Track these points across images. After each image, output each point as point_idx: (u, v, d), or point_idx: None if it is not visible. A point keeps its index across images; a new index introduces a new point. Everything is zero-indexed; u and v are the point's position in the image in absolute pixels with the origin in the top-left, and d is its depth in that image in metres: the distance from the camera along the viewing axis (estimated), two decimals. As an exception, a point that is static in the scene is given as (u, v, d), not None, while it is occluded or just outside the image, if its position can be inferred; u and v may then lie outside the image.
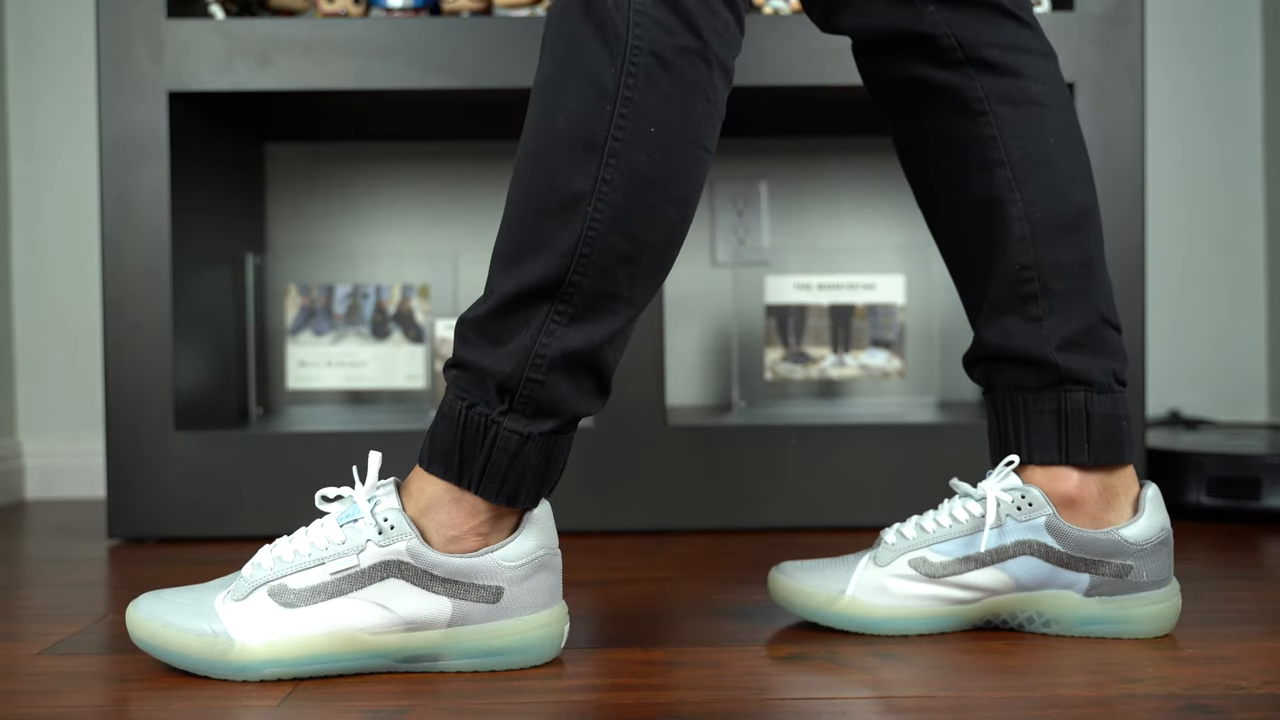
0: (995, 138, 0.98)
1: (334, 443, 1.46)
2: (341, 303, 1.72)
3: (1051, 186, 0.99)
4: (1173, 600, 0.98)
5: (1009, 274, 0.99)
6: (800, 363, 1.73)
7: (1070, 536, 0.96)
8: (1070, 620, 0.97)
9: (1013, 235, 0.98)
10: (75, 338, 1.88)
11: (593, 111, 0.85)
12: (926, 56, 0.99)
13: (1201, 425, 1.84)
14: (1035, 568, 0.96)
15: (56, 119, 1.87)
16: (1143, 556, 0.96)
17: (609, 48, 0.85)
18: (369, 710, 0.82)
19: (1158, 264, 1.90)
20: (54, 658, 0.95)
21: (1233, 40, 1.93)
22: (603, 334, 0.88)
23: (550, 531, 0.92)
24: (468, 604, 0.88)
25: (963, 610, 0.98)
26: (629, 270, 0.87)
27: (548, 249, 0.86)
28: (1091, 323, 0.99)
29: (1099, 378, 0.98)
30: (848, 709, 0.81)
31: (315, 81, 1.45)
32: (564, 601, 0.93)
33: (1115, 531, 0.96)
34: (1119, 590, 0.96)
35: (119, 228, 1.45)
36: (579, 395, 0.89)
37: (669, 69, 0.86)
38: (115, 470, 1.46)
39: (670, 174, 0.87)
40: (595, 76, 0.85)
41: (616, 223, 0.86)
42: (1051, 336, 0.98)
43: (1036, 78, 0.99)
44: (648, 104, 0.85)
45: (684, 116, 0.87)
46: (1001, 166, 0.98)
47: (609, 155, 0.85)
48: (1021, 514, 0.96)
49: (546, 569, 0.91)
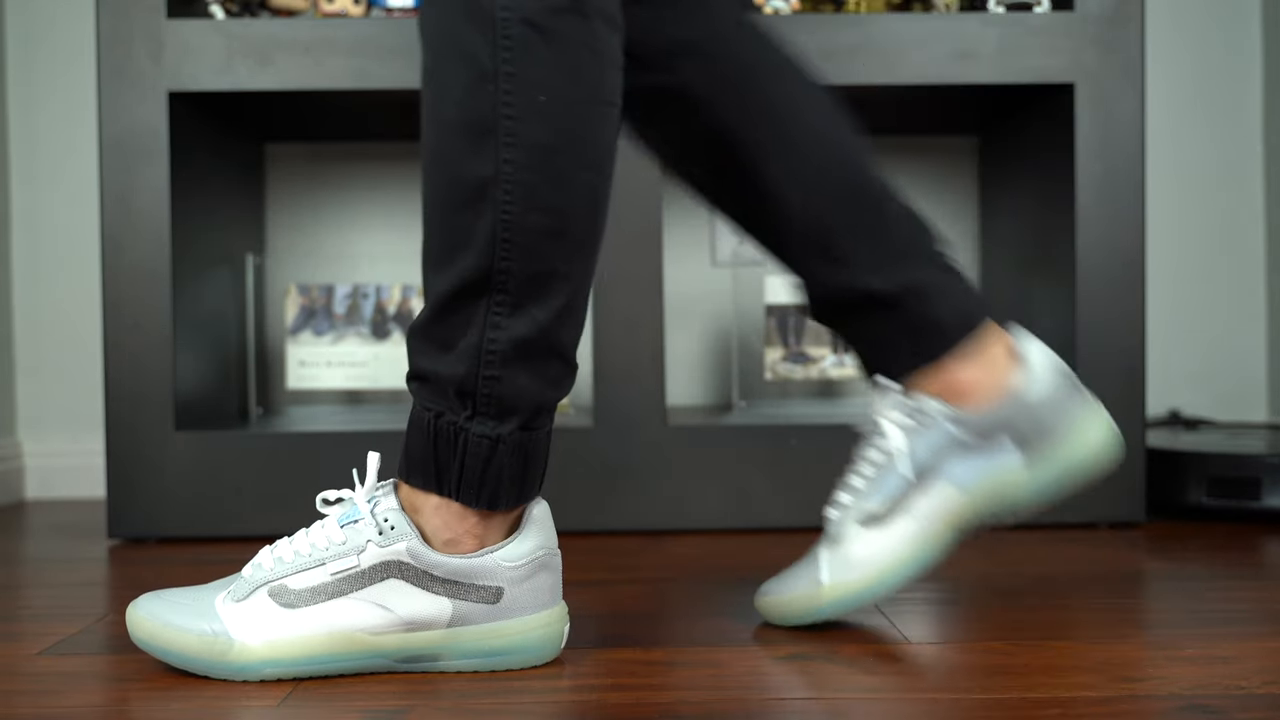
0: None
1: (334, 443, 1.46)
2: (341, 303, 1.72)
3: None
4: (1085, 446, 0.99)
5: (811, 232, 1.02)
6: (800, 363, 1.73)
7: (970, 421, 0.95)
8: (1021, 498, 0.97)
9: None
10: (75, 338, 1.88)
11: (477, 94, 0.83)
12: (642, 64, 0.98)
13: (1201, 425, 1.84)
14: (964, 458, 0.96)
15: (56, 119, 1.87)
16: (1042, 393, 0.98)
17: (480, 26, 0.83)
18: (369, 710, 0.82)
19: (1158, 264, 1.90)
20: (54, 658, 0.95)
21: (1233, 40, 1.93)
22: (548, 315, 0.86)
23: (550, 531, 0.92)
24: (468, 604, 0.88)
25: (931, 536, 0.97)
26: (557, 245, 0.85)
27: (469, 242, 0.84)
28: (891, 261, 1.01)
29: (920, 283, 1.00)
30: (848, 709, 0.81)
31: (315, 81, 1.45)
32: (564, 602, 0.93)
33: (1011, 389, 0.96)
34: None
35: (119, 228, 1.45)
36: (539, 384, 0.88)
37: (544, 33, 0.83)
38: (115, 470, 1.46)
39: (573, 138, 0.85)
40: (472, 58, 0.83)
41: (530, 200, 0.84)
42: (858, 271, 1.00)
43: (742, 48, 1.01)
44: (531, 74, 0.83)
45: (572, 77, 0.84)
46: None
47: (504, 135, 0.83)
48: (924, 425, 0.96)
49: (546, 569, 0.91)
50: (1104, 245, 1.47)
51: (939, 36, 1.46)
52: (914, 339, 0.97)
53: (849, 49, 1.45)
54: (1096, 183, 1.47)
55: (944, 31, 1.46)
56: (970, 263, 1.88)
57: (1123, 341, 1.47)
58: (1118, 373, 1.47)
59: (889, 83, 1.46)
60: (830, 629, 1.00)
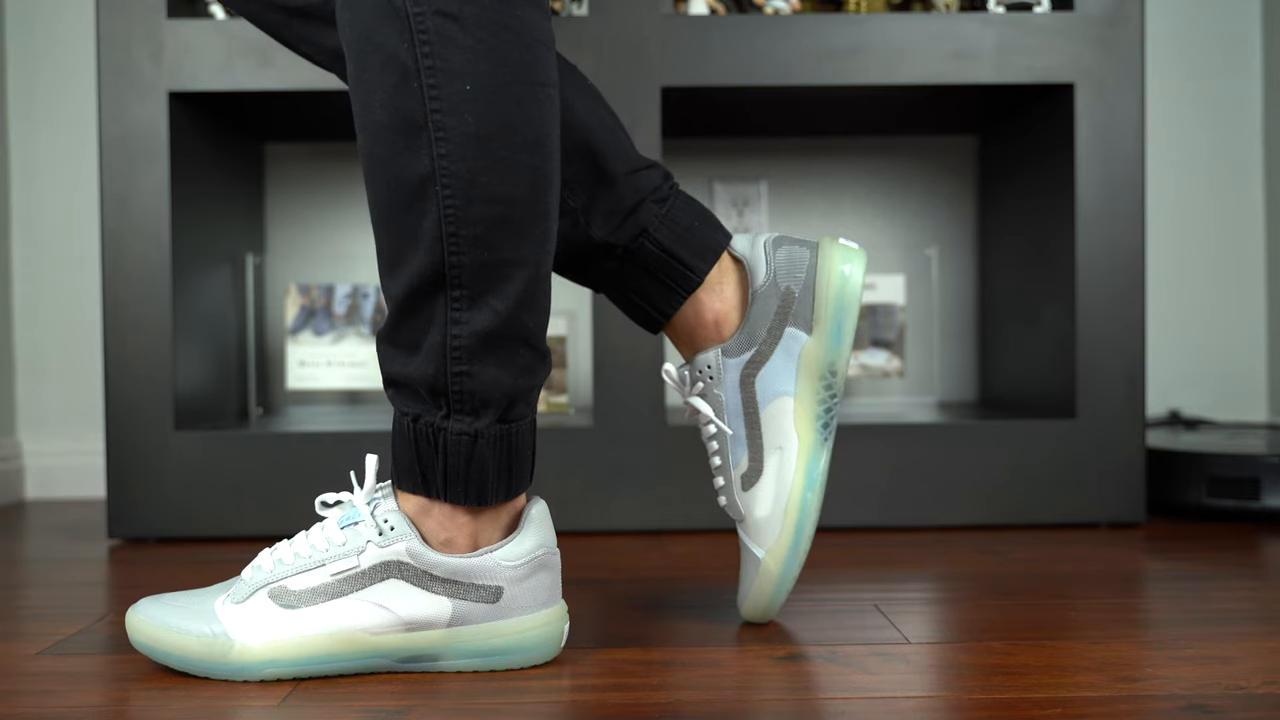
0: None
1: (334, 443, 1.46)
2: (341, 303, 1.72)
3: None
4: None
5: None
6: (800, 363, 1.72)
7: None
8: None
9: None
10: (75, 338, 1.88)
11: (402, 92, 0.83)
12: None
13: (1201, 425, 1.84)
14: (769, 373, 0.98)
15: (56, 119, 1.87)
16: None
17: (395, 24, 0.82)
18: (369, 710, 0.82)
19: (1158, 264, 1.90)
20: (54, 658, 0.95)
21: (1233, 40, 1.93)
22: (507, 304, 0.86)
23: (548, 531, 0.92)
24: (467, 604, 0.88)
25: (805, 445, 0.98)
26: (505, 232, 0.85)
27: (417, 241, 0.84)
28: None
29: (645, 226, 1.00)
30: (848, 709, 0.81)
31: (315, 81, 1.45)
32: (563, 601, 0.93)
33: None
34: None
35: (119, 228, 1.46)
36: (513, 373, 0.88)
37: (461, 21, 0.83)
38: (115, 470, 1.46)
39: (505, 123, 0.84)
40: (392, 57, 0.83)
41: (470, 191, 0.84)
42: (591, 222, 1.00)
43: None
44: (453, 64, 0.83)
45: (497, 61, 0.84)
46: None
47: (434, 130, 0.83)
48: (713, 377, 0.98)
49: (546, 568, 0.91)
50: (1104, 245, 1.47)
51: (939, 36, 1.46)
52: (659, 281, 0.98)
53: (849, 49, 1.45)
54: (1096, 183, 1.47)
55: (944, 31, 1.46)
56: (970, 263, 1.88)
57: (1123, 341, 1.47)
58: (1118, 373, 1.47)
59: (889, 83, 1.46)
60: (830, 629, 1.00)
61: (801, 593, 1.14)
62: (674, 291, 0.98)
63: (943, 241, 1.87)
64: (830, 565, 1.28)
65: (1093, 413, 1.47)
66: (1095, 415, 1.47)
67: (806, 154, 1.88)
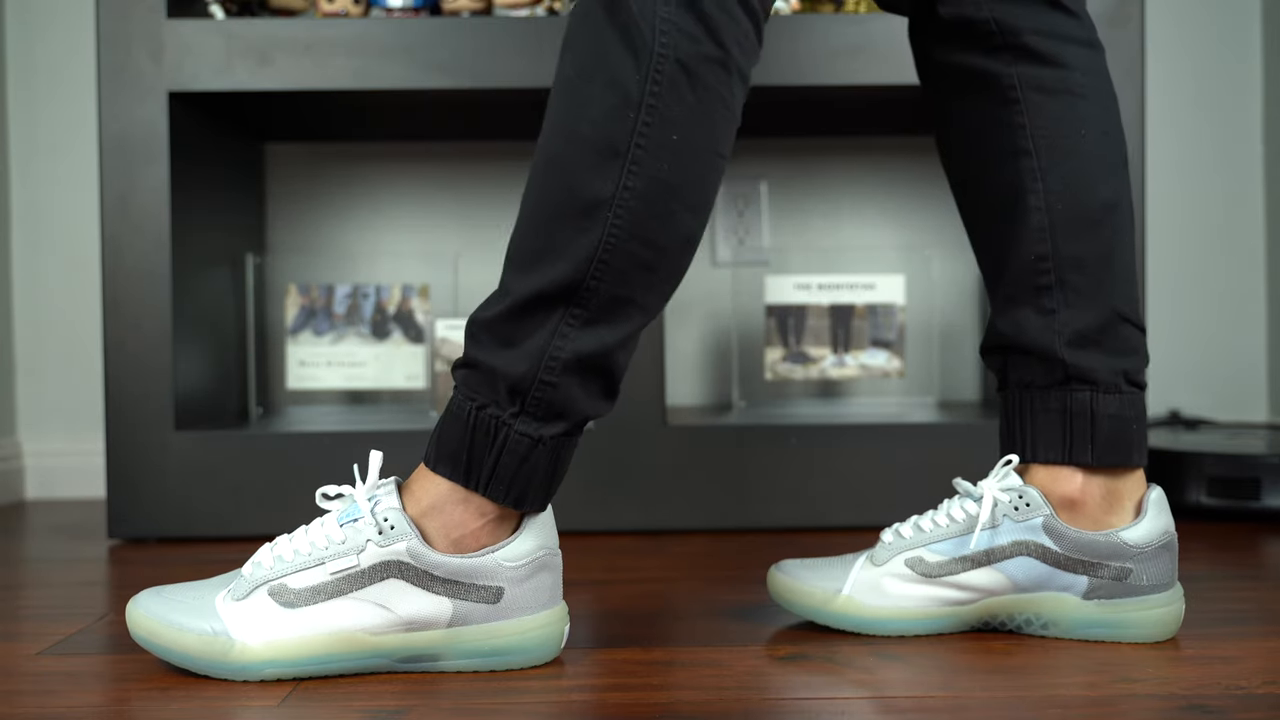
0: (1024, 125, 0.98)
1: (334, 443, 1.46)
2: (341, 303, 1.72)
3: (1077, 178, 0.98)
4: (1174, 605, 0.97)
5: (1025, 264, 0.98)
6: (800, 363, 1.73)
7: (1068, 538, 0.96)
8: (1068, 623, 0.97)
9: (1030, 225, 0.98)
10: (75, 338, 1.88)
11: (617, 117, 0.85)
12: (967, 41, 0.99)
13: (1201, 425, 1.84)
14: (1032, 568, 0.96)
15: (56, 119, 1.87)
16: (1143, 560, 0.96)
17: (635, 54, 0.85)
18: (369, 710, 0.82)
19: (1158, 264, 1.90)
20: (54, 658, 0.95)
21: (1233, 40, 1.93)
22: (616, 338, 0.88)
23: (550, 532, 0.92)
24: (468, 604, 0.88)
25: (959, 611, 0.98)
26: (646, 276, 0.88)
27: (567, 253, 0.86)
28: (1107, 319, 0.97)
29: (1106, 377, 0.97)
30: (848, 709, 0.81)
31: (315, 81, 1.45)
32: (564, 602, 0.93)
33: (1115, 534, 0.96)
34: (1118, 594, 0.96)
35: (119, 228, 1.45)
36: (589, 398, 0.89)
37: (692, 77, 0.86)
38: (115, 470, 1.46)
39: (690, 181, 0.88)
40: (621, 83, 0.85)
41: (636, 229, 0.86)
42: (1062, 331, 0.97)
43: (1075, 67, 0.98)
44: (672, 112, 0.86)
45: (706, 125, 0.87)
46: (1027, 155, 0.98)
47: (631, 162, 0.85)
48: (1019, 514, 0.96)
49: (547, 569, 0.91)
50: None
51: (939, 36, 1.46)
52: (1070, 432, 0.98)
53: (849, 49, 1.45)
54: (1096, 183, 1.47)
55: (944, 31, 1.46)
56: (970, 263, 1.88)
57: (1123, 341, 1.47)
58: (1118, 373, 1.47)
59: (889, 83, 1.46)
60: (830, 628, 1.00)
61: (801, 593, 1.13)
62: (1067, 449, 0.98)
63: (943, 241, 1.87)
64: (830, 565, 1.28)
65: (1093, 413, 1.47)
66: (1095, 415, 1.47)
67: (806, 154, 1.88)
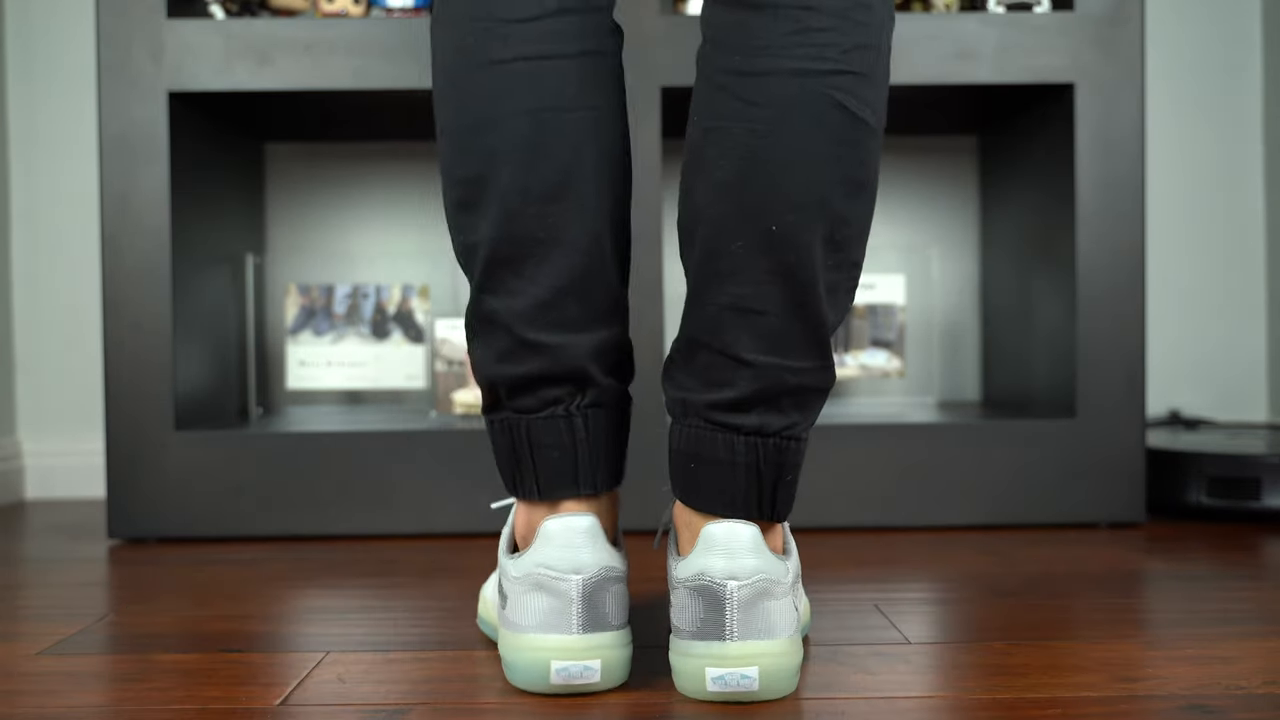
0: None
1: (334, 443, 1.46)
2: (341, 303, 1.72)
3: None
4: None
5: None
6: (800, 363, 1.72)
7: None
8: None
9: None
10: (75, 338, 1.88)
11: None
12: None
13: (1201, 425, 1.84)
14: None
15: (56, 119, 1.87)
16: None
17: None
18: (369, 710, 0.82)
19: (1158, 264, 1.90)
20: (54, 658, 0.96)
21: (1233, 40, 1.93)
22: (476, 286, 0.86)
23: (559, 552, 0.83)
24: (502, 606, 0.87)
25: None
26: (466, 216, 0.86)
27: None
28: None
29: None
30: (847, 709, 0.81)
31: (315, 81, 1.45)
32: (581, 637, 0.83)
33: None
34: None
35: (119, 227, 1.45)
36: (490, 357, 0.86)
37: (436, 25, 0.87)
38: (115, 470, 1.46)
39: (451, 105, 0.87)
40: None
41: (445, 178, 0.87)
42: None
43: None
44: (435, 60, 0.87)
45: (451, 45, 0.86)
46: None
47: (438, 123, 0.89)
48: None
49: (543, 590, 0.83)
50: (1104, 245, 1.47)
51: (939, 36, 1.46)
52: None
53: (849, 49, 1.45)
54: (1096, 183, 1.47)
55: (944, 31, 1.46)
56: (970, 264, 1.88)
57: (1123, 341, 1.47)
58: (1118, 373, 1.47)
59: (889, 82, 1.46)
60: (830, 629, 1.00)
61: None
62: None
63: (943, 241, 1.87)
64: (830, 565, 1.28)
65: (1093, 413, 1.47)
66: (1095, 415, 1.47)
67: (806, 154, 1.88)
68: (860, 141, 0.82)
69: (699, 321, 0.84)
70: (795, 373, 0.83)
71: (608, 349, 0.87)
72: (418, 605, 1.12)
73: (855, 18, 0.81)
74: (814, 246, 0.81)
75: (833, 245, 0.82)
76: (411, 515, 1.46)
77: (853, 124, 0.81)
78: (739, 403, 0.83)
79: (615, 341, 0.88)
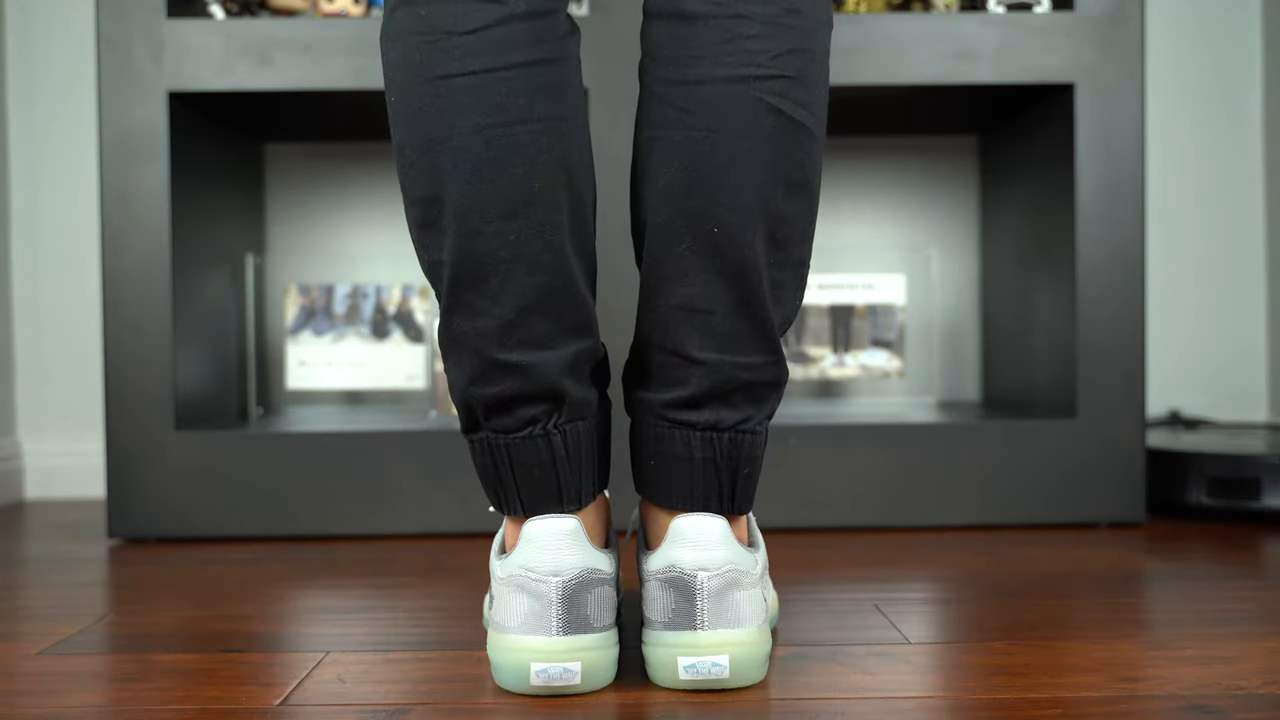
0: None
1: (334, 443, 1.46)
2: (341, 303, 1.72)
3: None
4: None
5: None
6: (800, 363, 1.73)
7: None
8: None
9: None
10: (75, 338, 1.88)
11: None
12: None
13: (1201, 425, 1.84)
14: None
15: (56, 119, 1.87)
16: None
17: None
18: (369, 710, 0.82)
19: (1158, 264, 1.90)
20: (54, 658, 0.95)
21: (1233, 40, 1.93)
22: (443, 306, 0.85)
23: (539, 554, 0.83)
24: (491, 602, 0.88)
25: None
26: (428, 234, 0.84)
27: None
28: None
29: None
30: (847, 709, 0.81)
31: (315, 81, 1.45)
32: (556, 639, 0.83)
33: None
34: None
35: (119, 228, 1.45)
36: (462, 378, 0.85)
37: (385, 35, 0.84)
38: (115, 470, 1.46)
39: (406, 125, 0.84)
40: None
41: (405, 197, 0.85)
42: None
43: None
44: (388, 78, 0.85)
45: (403, 64, 0.83)
46: None
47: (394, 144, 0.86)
48: None
49: (525, 593, 0.83)
50: (1104, 245, 1.47)
51: (939, 36, 1.46)
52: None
53: (849, 49, 1.45)
54: (1096, 183, 1.47)
55: (944, 31, 1.46)
56: (970, 264, 1.88)
57: (1123, 341, 1.47)
58: (1118, 373, 1.47)
59: (889, 83, 1.46)
60: (830, 629, 1.00)
61: (802, 593, 1.14)
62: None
63: (943, 241, 1.87)
64: (830, 565, 1.28)
65: (1093, 413, 1.47)
66: (1095, 415, 1.47)
67: (806, 154, 1.88)
68: (798, 143, 0.85)
69: (651, 323, 0.87)
70: (745, 369, 0.86)
71: (581, 361, 0.86)
72: (418, 605, 1.12)
73: (786, 23, 0.84)
74: (756, 246, 0.84)
75: (774, 244, 0.85)
76: (411, 515, 1.46)
77: (788, 126, 0.84)
78: (692, 400, 0.86)
79: (588, 353, 0.87)
